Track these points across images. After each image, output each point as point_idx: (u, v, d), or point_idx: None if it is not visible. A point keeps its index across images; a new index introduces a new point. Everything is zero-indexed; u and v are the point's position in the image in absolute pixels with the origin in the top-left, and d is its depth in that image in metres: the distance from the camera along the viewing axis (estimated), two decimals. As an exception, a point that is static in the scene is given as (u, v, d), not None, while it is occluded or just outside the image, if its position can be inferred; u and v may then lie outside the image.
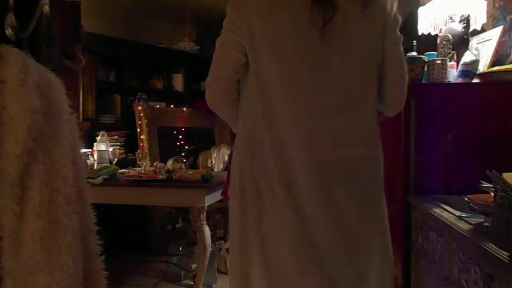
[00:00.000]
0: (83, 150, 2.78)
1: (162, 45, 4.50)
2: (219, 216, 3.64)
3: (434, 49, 2.07)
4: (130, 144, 3.85)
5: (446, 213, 1.28)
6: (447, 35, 1.98)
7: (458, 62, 1.87)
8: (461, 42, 1.91)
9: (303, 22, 1.12)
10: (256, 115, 1.22)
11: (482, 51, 1.94)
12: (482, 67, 1.86)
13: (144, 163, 2.95)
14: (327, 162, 1.18)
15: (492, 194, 1.06)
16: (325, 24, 1.11)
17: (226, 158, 3.76)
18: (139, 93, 4.04)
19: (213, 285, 2.95)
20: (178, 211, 4.03)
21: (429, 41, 2.21)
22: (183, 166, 2.91)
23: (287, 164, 1.17)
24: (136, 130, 3.83)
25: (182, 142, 4.22)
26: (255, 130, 1.22)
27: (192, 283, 2.87)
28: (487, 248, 0.92)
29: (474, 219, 1.16)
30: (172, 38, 4.71)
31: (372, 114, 1.25)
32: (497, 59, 1.87)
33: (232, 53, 1.22)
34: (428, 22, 2.08)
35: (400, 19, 1.26)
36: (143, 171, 2.82)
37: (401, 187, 1.77)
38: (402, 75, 1.28)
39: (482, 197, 1.17)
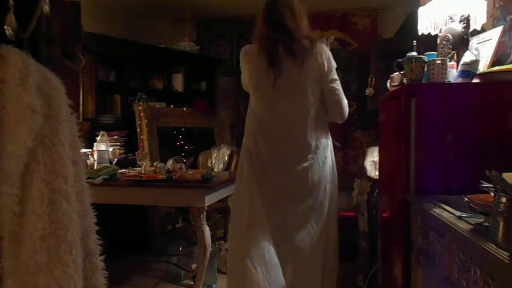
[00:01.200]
0: (83, 150, 2.78)
1: (162, 45, 4.49)
2: (219, 216, 3.64)
3: (434, 49, 2.07)
4: (130, 144, 3.85)
5: (446, 213, 1.28)
6: (447, 35, 1.98)
7: (458, 62, 1.87)
8: (461, 42, 1.91)
9: (265, 77, 2.03)
10: (248, 125, 2.18)
11: (482, 51, 1.94)
12: (482, 67, 1.86)
13: (144, 163, 2.95)
14: (281, 154, 2.07)
15: (492, 194, 1.06)
16: (275, 79, 2.01)
17: (226, 158, 3.76)
18: (139, 93, 4.04)
19: (213, 285, 2.95)
20: (178, 211, 4.03)
21: (429, 41, 2.21)
22: (183, 166, 2.91)
23: (262, 156, 2.08)
24: (136, 130, 3.83)
25: (182, 142, 4.22)
26: (248, 135, 2.15)
27: (192, 283, 2.87)
28: (487, 248, 0.92)
29: (474, 219, 1.16)
30: (172, 38, 4.71)
31: (314, 124, 2.08)
32: (497, 59, 1.87)
33: (245, 84, 2.20)
34: (428, 22, 2.08)
35: (335, 65, 2.10)
36: (143, 171, 2.82)
37: (401, 187, 1.77)
38: (337, 101, 2.09)
39: (482, 197, 1.17)
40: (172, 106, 4.21)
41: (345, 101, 2.11)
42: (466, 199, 1.20)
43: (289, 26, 2.00)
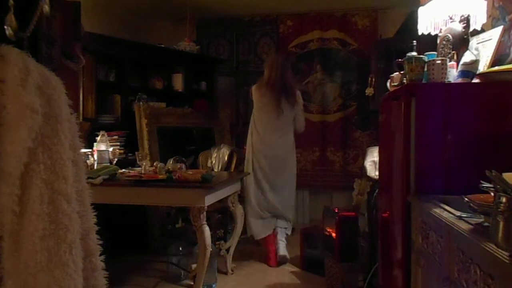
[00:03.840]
0: (83, 150, 2.78)
1: (162, 45, 4.49)
2: (219, 216, 3.64)
3: (434, 49, 2.07)
4: (130, 144, 3.84)
5: (446, 213, 1.28)
6: (447, 35, 1.98)
7: (458, 62, 1.87)
8: (461, 42, 1.91)
9: (271, 110, 3.58)
10: (250, 133, 3.75)
11: (482, 51, 1.94)
12: (482, 67, 1.86)
13: (144, 163, 2.95)
14: (272, 156, 3.63)
15: (492, 194, 1.06)
16: (277, 114, 3.59)
17: (226, 158, 3.76)
18: (139, 93, 4.03)
19: (213, 285, 2.95)
20: (178, 211, 4.02)
21: (429, 41, 2.21)
22: (183, 166, 2.91)
23: (260, 154, 3.67)
24: (136, 130, 3.83)
25: (182, 142, 4.22)
26: (252, 141, 3.68)
27: (192, 283, 2.86)
28: (487, 248, 0.92)
29: (474, 219, 1.16)
30: (172, 38, 4.71)
31: (292, 137, 3.69)
32: (497, 59, 1.86)
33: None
34: (428, 22, 2.08)
35: (302, 102, 3.76)
36: (143, 171, 2.82)
37: (402, 187, 1.77)
38: (301, 123, 3.70)
39: (482, 197, 1.17)
40: (172, 106, 4.21)
41: (304, 122, 3.78)
42: (466, 199, 1.20)
43: (289, 86, 3.57)
